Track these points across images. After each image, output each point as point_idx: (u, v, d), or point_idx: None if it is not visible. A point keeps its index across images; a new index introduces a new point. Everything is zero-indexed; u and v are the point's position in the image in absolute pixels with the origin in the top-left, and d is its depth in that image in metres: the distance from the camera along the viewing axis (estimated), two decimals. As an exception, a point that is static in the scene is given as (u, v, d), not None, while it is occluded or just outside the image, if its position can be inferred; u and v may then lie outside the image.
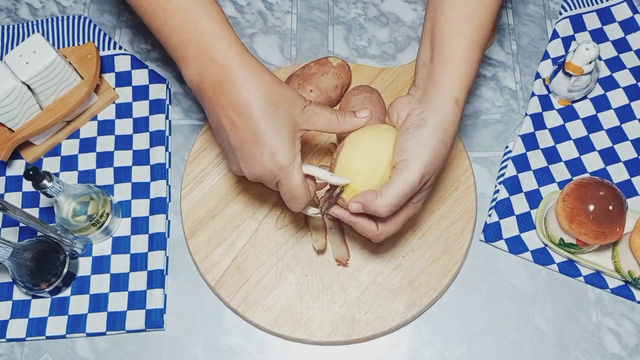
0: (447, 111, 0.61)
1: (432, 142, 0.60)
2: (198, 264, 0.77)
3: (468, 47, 0.63)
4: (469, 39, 0.63)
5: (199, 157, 0.82)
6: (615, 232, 0.69)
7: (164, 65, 0.89)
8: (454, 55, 0.62)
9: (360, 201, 0.62)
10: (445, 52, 0.63)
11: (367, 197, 0.61)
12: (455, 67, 0.62)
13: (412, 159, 0.60)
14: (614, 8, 0.89)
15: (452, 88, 0.62)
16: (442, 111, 0.61)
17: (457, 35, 0.63)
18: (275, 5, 0.93)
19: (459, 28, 0.63)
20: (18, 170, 0.83)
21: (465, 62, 0.62)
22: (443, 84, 0.62)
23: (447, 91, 0.62)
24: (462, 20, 0.63)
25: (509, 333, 0.74)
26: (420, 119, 0.61)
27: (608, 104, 0.84)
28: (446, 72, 0.62)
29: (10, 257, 0.68)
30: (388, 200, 0.60)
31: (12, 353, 0.75)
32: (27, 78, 0.75)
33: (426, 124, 0.60)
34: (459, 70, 0.62)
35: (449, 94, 0.61)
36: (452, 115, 0.61)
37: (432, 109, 0.61)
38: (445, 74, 0.62)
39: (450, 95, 0.61)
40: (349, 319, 0.73)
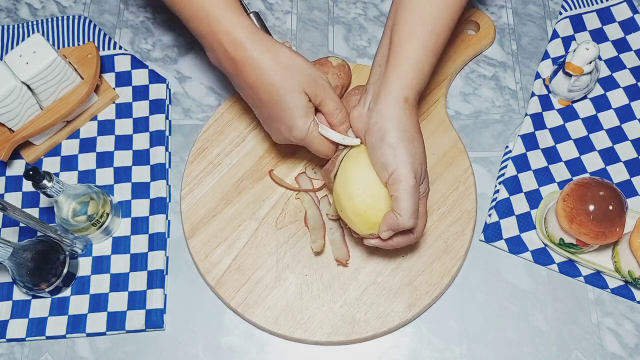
0: (400, 113, 0.63)
1: (402, 144, 0.62)
2: (198, 264, 0.77)
3: (421, 50, 0.65)
4: (422, 41, 0.65)
5: (199, 157, 0.82)
6: (615, 232, 0.69)
7: (164, 65, 0.90)
8: (406, 58, 0.64)
9: (388, 228, 0.64)
10: (399, 54, 0.65)
11: (389, 221, 0.64)
12: (405, 69, 0.64)
13: (397, 169, 0.62)
14: (614, 8, 0.89)
15: (400, 90, 0.64)
16: (396, 115, 0.63)
17: (412, 38, 0.65)
18: (275, 5, 0.93)
19: (414, 30, 0.65)
20: (18, 170, 0.83)
21: (416, 64, 0.64)
22: (393, 87, 0.64)
23: (396, 94, 0.63)
24: (418, 22, 0.65)
25: (509, 333, 0.74)
26: (379, 131, 0.63)
27: (608, 104, 0.84)
28: (397, 74, 0.64)
29: (10, 257, 0.68)
30: (408, 213, 0.63)
31: (12, 353, 0.75)
32: (27, 78, 0.75)
33: (388, 132, 0.63)
34: (410, 72, 0.64)
35: (397, 96, 0.63)
36: (405, 115, 0.63)
37: (386, 118, 0.63)
38: (395, 77, 0.64)
39: (400, 97, 0.63)
40: (349, 319, 0.73)
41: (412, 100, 0.64)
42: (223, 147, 0.82)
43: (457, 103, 0.86)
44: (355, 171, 0.66)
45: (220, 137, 0.83)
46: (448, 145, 0.81)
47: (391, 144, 0.62)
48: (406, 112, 0.63)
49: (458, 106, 0.86)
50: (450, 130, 0.82)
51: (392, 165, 0.62)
